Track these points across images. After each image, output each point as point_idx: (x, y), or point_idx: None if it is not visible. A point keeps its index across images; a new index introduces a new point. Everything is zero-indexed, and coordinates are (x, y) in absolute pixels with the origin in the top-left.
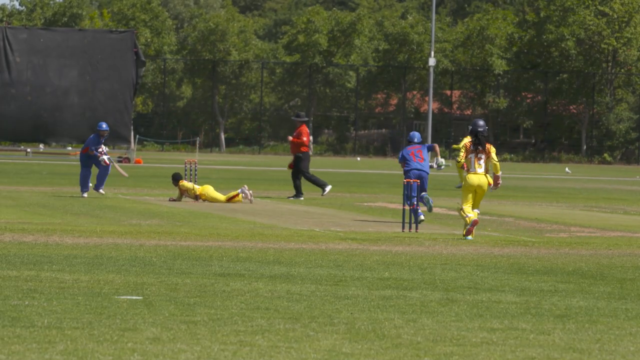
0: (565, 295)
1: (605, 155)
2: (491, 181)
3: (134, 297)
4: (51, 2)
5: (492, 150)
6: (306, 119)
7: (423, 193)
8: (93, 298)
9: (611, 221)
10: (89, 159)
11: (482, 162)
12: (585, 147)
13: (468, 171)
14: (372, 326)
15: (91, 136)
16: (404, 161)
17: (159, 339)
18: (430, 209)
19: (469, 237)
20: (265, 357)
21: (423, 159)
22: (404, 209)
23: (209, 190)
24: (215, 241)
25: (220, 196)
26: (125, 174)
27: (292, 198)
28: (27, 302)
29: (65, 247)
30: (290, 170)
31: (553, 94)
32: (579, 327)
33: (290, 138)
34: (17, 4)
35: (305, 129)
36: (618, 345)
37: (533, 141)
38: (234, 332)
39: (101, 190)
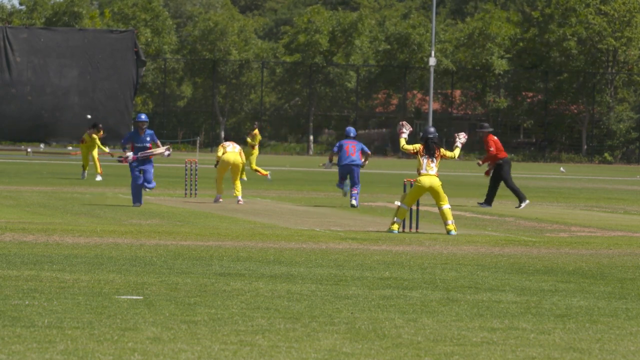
0: (566, 295)
1: (606, 154)
2: (439, 183)
3: (135, 297)
4: (51, 1)
5: (443, 151)
6: (490, 129)
7: (348, 182)
8: (93, 298)
9: (611, 221)
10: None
11: (434, 164)
12: (585, 146)
13: (419, 173)
14: (373, 326)
15: (129, 132)
16: (338, 151)
17: (159, 338)
18: (345, 194)
19: (394, 231)
20: (265, 356)
21: (355, 153)
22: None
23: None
24: (216, 241)
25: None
26: (166, 153)
27: (520, 207)
28: (27, 302)
29: (66, 246)
30: (489, 177)
31: (553, 94)
32: (580, 326)
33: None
34: (16, 3)
35: (490, 139)
36: (618, 345)
37: (534, 141)
38: (235, 331)
39: (148, 186)
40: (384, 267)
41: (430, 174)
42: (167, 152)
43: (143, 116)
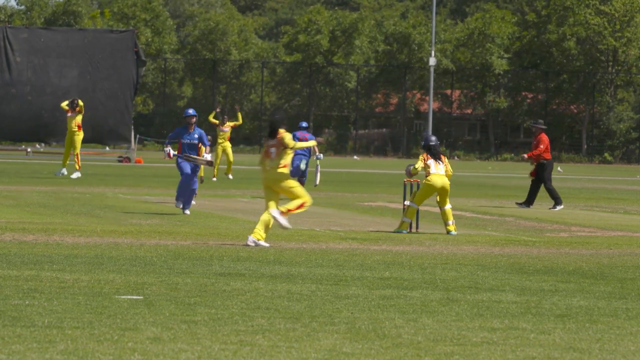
0: (566, 295)
1: (606, 154)
2: (449, 184)
3: (135, 297)
4: (50, 1)
5: (446, 160)
6: (544, 126)
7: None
8: (93, 298)
9: (612, 221)
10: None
11: (441, 166)
12: (585, 146)
13: (429, 174)
14: (373, 326)
15: (177, 128)
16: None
17: (159, 338)
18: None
19: (403, 231)
20: (265, 356)
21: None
22: (404, 208)
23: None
24: (216, 241)
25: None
26: (208, 160)
27: (555, 209)
28: (27, 302)
29: (66, 246)
30: (532, 178)
31: (554, 94)
32: (580, 326)
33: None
34: (14, 3)
35: (543, 137)
36: (618, 345)
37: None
38: (235, 331)
39: (193, 201)
40: (384, 267)
41: (440, 173)
42: (210, 162)
43: (191, 111)
